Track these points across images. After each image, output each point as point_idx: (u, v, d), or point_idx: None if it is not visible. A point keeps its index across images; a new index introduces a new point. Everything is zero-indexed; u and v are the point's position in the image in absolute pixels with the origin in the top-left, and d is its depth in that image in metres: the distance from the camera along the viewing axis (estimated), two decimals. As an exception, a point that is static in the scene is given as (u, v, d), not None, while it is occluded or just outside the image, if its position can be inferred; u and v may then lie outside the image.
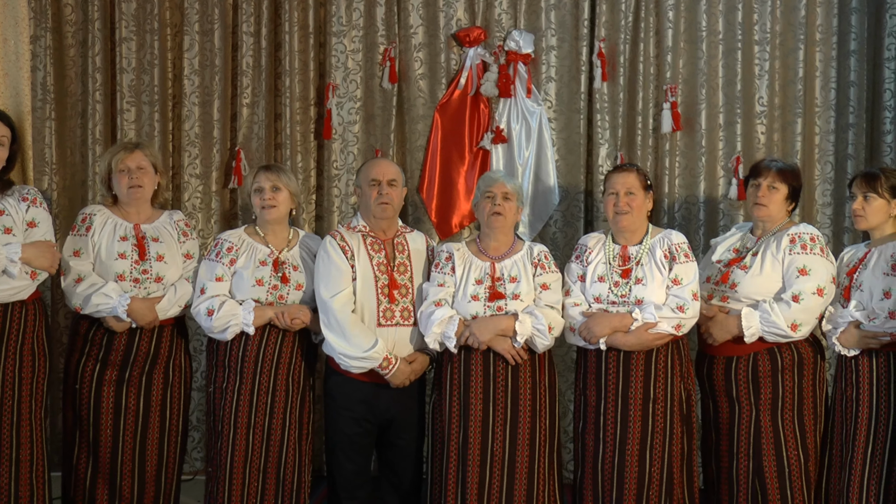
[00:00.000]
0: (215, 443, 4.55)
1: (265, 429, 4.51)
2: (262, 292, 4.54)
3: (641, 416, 4.35)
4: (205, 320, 4.49)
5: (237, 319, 4.47)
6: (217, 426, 4.54)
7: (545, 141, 5.75)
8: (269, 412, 4.52)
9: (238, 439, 4.48)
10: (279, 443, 4.53)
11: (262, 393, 4.51)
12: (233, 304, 4.50)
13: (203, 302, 4.51)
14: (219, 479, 4.50)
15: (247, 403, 4.49)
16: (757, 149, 5.66)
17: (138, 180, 4.65)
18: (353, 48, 5.82)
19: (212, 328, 4.49)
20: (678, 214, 5.70)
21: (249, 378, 4.50)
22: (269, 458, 4.52)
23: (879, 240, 4.37)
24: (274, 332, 4.54)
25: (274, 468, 4.53)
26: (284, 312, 4.51)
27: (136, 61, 5.81)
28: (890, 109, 5.65)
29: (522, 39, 5.70)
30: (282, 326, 4.53)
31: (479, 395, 4.40)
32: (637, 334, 4.34)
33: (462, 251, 4.57)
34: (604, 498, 4.39)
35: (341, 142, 5.83)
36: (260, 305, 4.51)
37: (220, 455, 4.50)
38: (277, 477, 4.54)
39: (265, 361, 4.52)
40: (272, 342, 4.54)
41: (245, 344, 4.52)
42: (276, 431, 4.53)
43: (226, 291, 4.55)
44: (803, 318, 4.29)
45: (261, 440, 4.51)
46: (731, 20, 5.67)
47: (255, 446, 4.50)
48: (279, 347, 4.55)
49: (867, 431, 4.25)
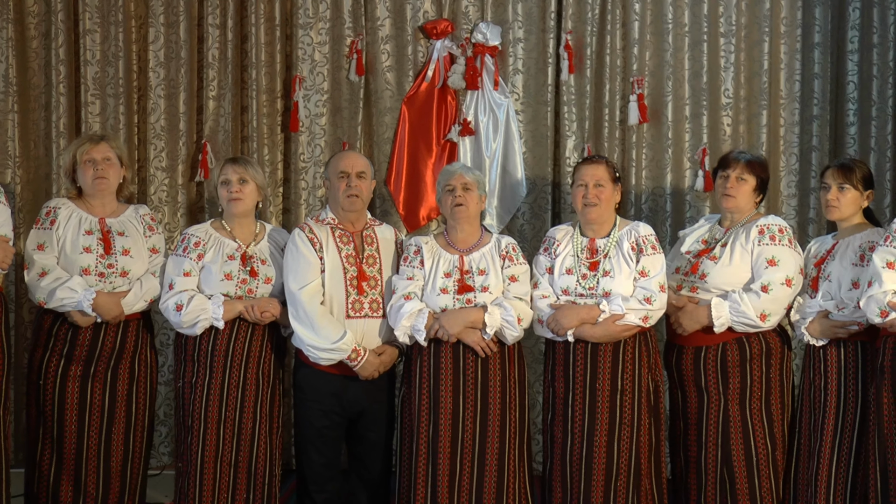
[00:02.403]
0: (185, 438, 4.52)
1: (236, 423, 4.49)
2: (230, 286, 4.52)
3: (609, 408, 4.37)
4: (174, 315, 4.47)
5: (206, 314, 4.44)
6: (187, 421, 4.51)
7: (512, 133, 5.76)
8: (240, 406, 4.50)
9: (209, 434, 4.46)
10: (250, 437, 4.52)
11: (233, 387, 4.49)
12: (202, 299, 4.47)
13: (171, 297, 4.48)
14: (189, 474, 4.47)
15: (217, 398, 4.47)
16: (723, 141, 5.69)
17: (103, 172, 4.61)
18: (320, 40, 5.80)
19: (181, 323, 4.46)
20: (645, 206, 5.73)
21: (219, 372, 4.48)
22: (241, 453, 4.51)
23: (847, 230, 4.41)
24: (244, 325, 4.52)
25: (245, 462, 4.52)
26: (254, 306, 4.50)
27: (100, 53, 5.76)
28: (853, 101, 5.71)
29: (489, 32, 5.70)
30: (251, 320, 4.51)
31: (448, 388, 4.40)
32: (604, 326, 4.36)
33: (431, 244, 4.57)
34: (572, 489, 4.40)
35: (308, 134, 5.81)
36: (229, 299, 4.49)
37: (191, 450, 4.48)
38: (249, 471, 4.53)
39: (235, 355, 4.50)
40: (242, 336, 4.52)
41: (214, 338, 4.49)
42: (247, 425, 4.51)
43: (194, 286, 4.52)
44: (772, 308, 4.33)
45: (231, 434, 4.49)
46: (697, 12, 5.70)
47: (225, 441, 4.48)
48: (249, 341, 4.53)
49: (835, 420, 4.29)
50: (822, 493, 4.29)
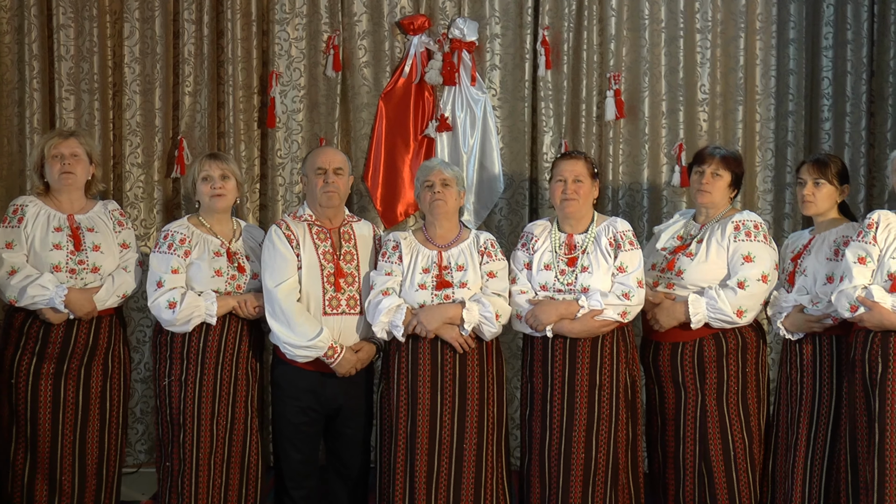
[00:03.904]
0: (175, 436, 4.48)
1: (228, 419, 4.48)
2: (220, 283, 4.50)
3: (587, 403, 4.38)
4: (166, 313, 4.42)
5: (200, 311, 4.42)
6: (177, 419, 4.47)
7: (490, 129, 5.75)
8: (232, 402, 4.49)
9: (202, 431, 4.44)
10: (242, 433, 4.52)
11: (225, 383, 4.48)
12: (195, 296, 4.44)
13: (162, 295, 4.44)
14: (183, 472, 4.45)
15: (210, 394, 4.45)
16: (699, 136, 5.71)
17: (71, 167, 4.58)
18: (297, 36, 5.78)
19: (174, 321, 4.42)
20: (622, 202, 5.74)
21: (211, 369, 4.46)
22: (234, 449, 4.50)
23: (823, 225, 4.43)
24: (233, 321, 4.51)
25: (238, 459, 4.52)
26: (247, 301, 4.49)
27: (74, 49, 5.71)
28: (828, 97, 5.74)
29: (466, 27, 5.70)
30: (243, 315, 4.51)
31: (426, 384, 4.40)
32: (583, 321, 4.37)
33: (409, 240, 4.56)
34: (550, 484, 4.41)
35: (285, 130, 5.79)
36: (221, 295, 4.48)
37: (184, 448, 4.45)
38: (242, 467, 4.53)
39: (226, 352, 4.49)
40: (232, 332, 4.51)
41: (206, 335, 4.47)
42: (239, 421, 4.51)
43: (183, 283, 4.49)
44: (749, 304, 4.35)
45: (224, 431, 4.48)
46: (674, 8, 5.72)
47: (218, 437, 4.47)
48: (239, 337, 4.52)
49: (810, 414, 4.33)
50: (799, 487, 4.32)
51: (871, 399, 4.07)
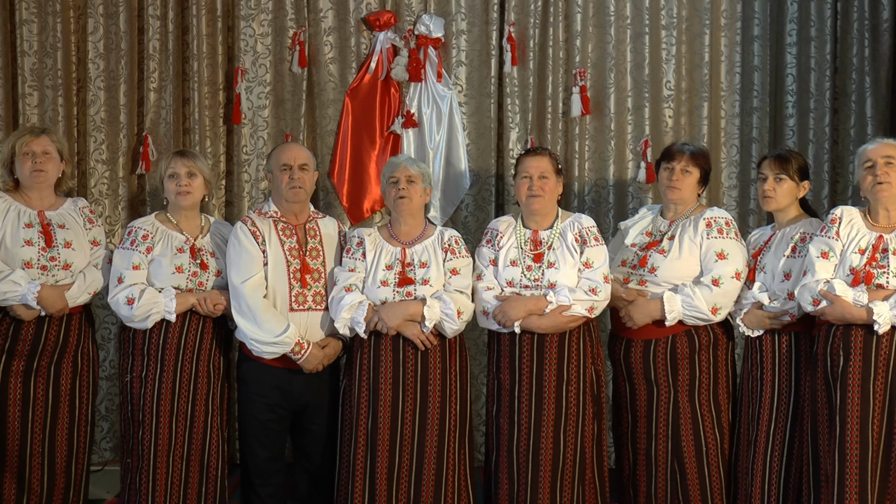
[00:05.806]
0: (135, 433, 4.47)
1: (188, 416, 4.47)
2: (181, 279, 4.48)
3: (556, 398, 4.39)
4: (125, 309, 4.41)
5: (159, 307, 4.41)
6: (137, 416, 4.46)
7: (456, 125, 5.76)
8: (192, 399, 4.47)
9: (161, 428, 4.43)
10: (202, 430, 4.50)
11: (185, 380, 4.46)
12: (153, 292, 4.43)
13: (121, 291, 4.43)
14: (141, 469, 4.43)
15: (169, 391, 4.44)
16: (665, 132, 5.74)
17: (42, 165, 4.56)
18: (262, 32, 5.76)
19: (132, 317, 4.40)
20: (588, 198, 5.76)
21: (171, 366, 4.44)
22: (193, 446, 4.48)
23: (784, 221, 4.46)
24: (195, 318, 4.50)
25: (197, 456, 4.50)
26: (207, 298, 4.48)
27: (37, 44, 5.66)
28: (792, 93, 5.78)
29: (432, 23, 5.70)
30: (204, 313, 4.49)
31: (388, 381, 4.40)
32: (551, 317, 4.38)
33: (373, 236, 4.56)
34: (519, 480, 4.42)
35: (251, 126, 5.77)
36: (181, 292, 4.46)
37: (143, 445, 4.43)
38: (201, 465, 4.51)
39: (187, 349, 4.47)
40: (193, 329, 4.49)
41: (166, 331, 4.45)
42: (199, 419, 4.49)
43: (143, 280, 4.47)
44: (723, 301, 4.37)
45: (184, 428, 4.46)
46: (639, 5, 5.74)
47: (178, 434, 4.45)
48: (200, 334, 4.50)
49: (770, 410, 4.35)
50: (759, 482, 4.35)
51: (832, 392, 4.11)
